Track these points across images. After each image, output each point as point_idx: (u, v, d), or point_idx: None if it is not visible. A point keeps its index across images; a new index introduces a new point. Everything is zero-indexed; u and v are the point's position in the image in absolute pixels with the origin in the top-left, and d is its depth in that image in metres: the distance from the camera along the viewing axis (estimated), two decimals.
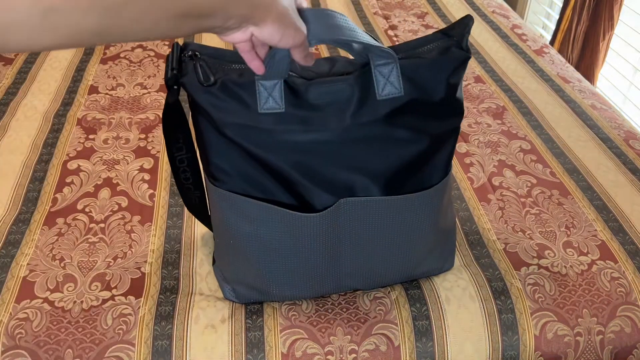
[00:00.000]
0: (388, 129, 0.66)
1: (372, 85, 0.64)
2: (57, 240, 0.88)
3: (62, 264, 0.84)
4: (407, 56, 0.66)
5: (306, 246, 0.70)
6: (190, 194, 0.79)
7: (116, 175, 1.01)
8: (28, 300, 0.78)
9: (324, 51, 1.47)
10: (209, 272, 0.84)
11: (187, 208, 0.83)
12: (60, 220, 0.91)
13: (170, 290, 0.81)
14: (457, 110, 0.69)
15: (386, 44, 1.52)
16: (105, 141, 1.10)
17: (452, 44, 0.67)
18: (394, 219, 0.71)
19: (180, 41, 1.50)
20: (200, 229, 0.91)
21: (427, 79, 0.65)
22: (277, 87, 0.63)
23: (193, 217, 0.92)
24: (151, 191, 0.98)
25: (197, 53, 0.65)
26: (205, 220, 0.85)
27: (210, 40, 1.46)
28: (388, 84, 0.64)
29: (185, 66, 0.64)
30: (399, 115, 0.66)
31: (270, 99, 0.63)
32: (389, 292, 0.82)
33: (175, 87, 0.64)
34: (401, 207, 0.70)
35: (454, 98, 0.68)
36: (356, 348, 0.76)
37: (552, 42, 2.19)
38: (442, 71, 0.66)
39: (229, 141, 0.65)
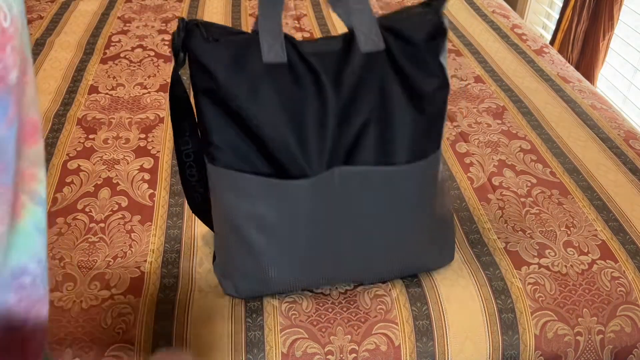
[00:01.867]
0: (374, 78, 0.69)
1: (356, 41, 0.69)
2: (57, 240, 0.88)
3: (61, 264, 0.84)
4: (387, 16, 0.72)
5: (302, 218, 0.71)
6: (195, 192, 0.80)
7: (116, 175, 1.01)
8: None
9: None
10: (209, 270, 0.84)
11: (190, 206, 0.84)
12: (60, 220, 0.91)
13: (169, 289, 0.81)
14: (440, 72, 0.71)
15: None
16: (105, 141, 1.10)
17: (429, 12, 0.71)
18: (388, 190, 0.72)
19: None
20: (200, 229, 0.91)
21: (407, 29, 0.69)
22: (279, 39, 0.66)
23: (193, 217, 0.92)
24: (151, 191, 0.98)
25: (202, 23, 0.68)
26: (207, 219, 0.85)
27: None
28: (369, 39, 0.68)
29: (191, 32, 0.67)
30: (383, 65, 0.69)
31: (273, 50, 0.66)
32: (389, 290, 0.81)
33: (182, 53, 0.67)
34: (395, 177, 0.71)
35: (434, 52, 0.70)
36: (356, 348, 0.76)
37: (552, 42, 2.19)
38: (420, 27, 0.70)
39: (224, 113, 0.68)
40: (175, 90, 0.72)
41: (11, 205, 0.33)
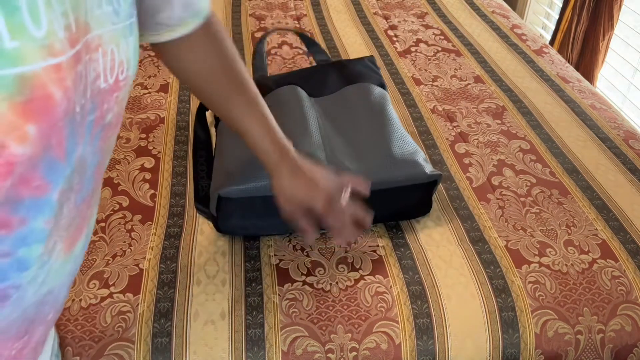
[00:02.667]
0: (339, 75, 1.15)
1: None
2: None
3: None
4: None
5: (309, 116, 1.00)
6: (202, 182, 0.98)
7: (117, 175, 1.01)
8: None
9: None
10: (208, 259, 0.84)
11: (195, 195, 0.95)
12: None
13: (167, 285, 0.81)
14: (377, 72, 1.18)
15: (386, 43, 1.52)
16: None
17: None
18: (353, 104, 1.05)
19: None
20: (201, 227, 0.91)
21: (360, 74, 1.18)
22: None
23: (194, 216, 0.92)
24: (152, 191, 0.98)
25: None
26: (208, 205, 0.90)
27: None
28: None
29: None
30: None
31: None
32: (390, 288, 0.82)
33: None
34: (346, 95, 1.08)
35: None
36: (357, 346, 0.76)
37: (552, 42, 2.19)
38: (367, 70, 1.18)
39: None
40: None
41: None
